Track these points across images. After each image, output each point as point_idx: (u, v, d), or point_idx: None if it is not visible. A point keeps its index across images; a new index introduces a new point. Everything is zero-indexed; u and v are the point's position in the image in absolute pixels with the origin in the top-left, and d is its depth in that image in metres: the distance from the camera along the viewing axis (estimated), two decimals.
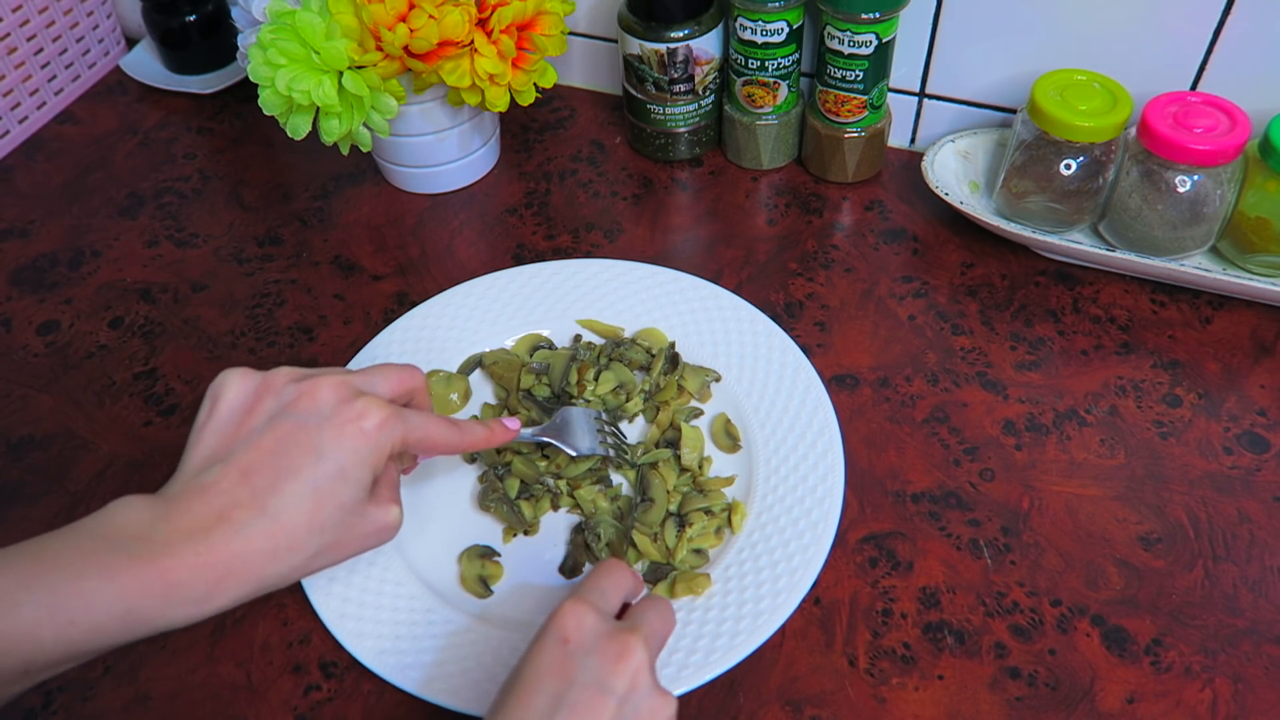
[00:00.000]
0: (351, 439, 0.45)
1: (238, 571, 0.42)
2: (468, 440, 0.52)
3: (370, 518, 0.46)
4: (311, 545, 0.44)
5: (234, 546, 0.42)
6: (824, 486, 0.57)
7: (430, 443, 0.49)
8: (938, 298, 0.69)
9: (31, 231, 0.78)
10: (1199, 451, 0.60)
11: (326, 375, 0.47)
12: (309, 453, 0.44)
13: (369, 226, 0.77)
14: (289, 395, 0.46)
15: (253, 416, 0.45)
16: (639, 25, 0.73)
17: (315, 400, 0.45)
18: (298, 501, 0.43)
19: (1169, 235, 0.66)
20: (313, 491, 0.44)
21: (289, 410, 0.45)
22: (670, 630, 0.47)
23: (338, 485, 0.44)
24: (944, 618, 0.54)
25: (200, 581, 0.41)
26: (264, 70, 0.65)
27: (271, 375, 0.47)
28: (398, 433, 0.46)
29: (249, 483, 0.43)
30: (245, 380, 0.47)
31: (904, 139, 0.81)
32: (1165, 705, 0.50)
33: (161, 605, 0.41)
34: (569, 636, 0.42)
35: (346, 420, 0.45)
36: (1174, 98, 0.64)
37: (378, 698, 0.52)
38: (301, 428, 0.45)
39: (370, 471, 0.46)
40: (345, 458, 0.45)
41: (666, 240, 0.75)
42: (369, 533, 0.46)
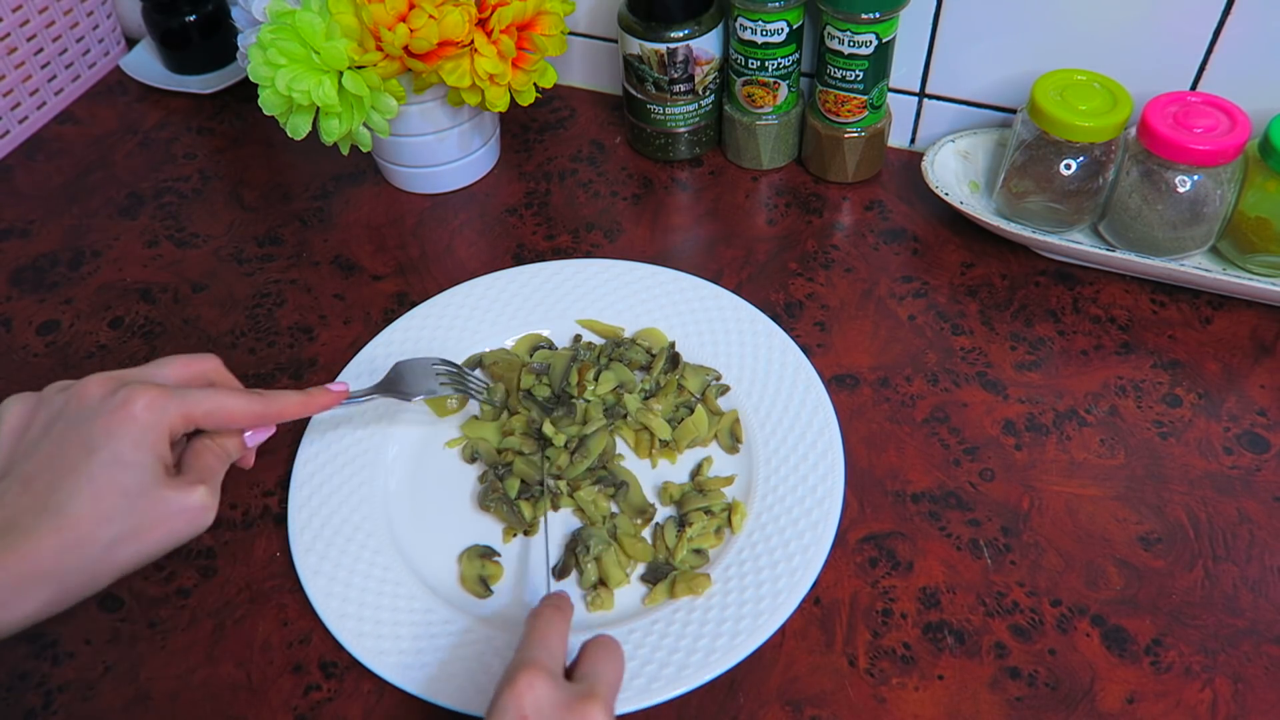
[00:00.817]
0: (119, 424, 0.44)
1: (30, 573, 0.42)
2: (275, 408, 0.51)
3: (168, 501, 0.45)
4: (104, 535, 0.43)
5: (21, 549, 0.42)
6: (824, 486, 0.57)
7: (227, 415, 0.48)
8: (938, 298, 0.69)
9: (31, 231, 0.78)
10: (1199, 451, 0.60)
11: (94, 376, 0.47)
12: (80, 448, 0.44)
13: (369, 226, 0.77)
14: (58, 403, 0.46)
15: (30, 431, 0.46)
16: (639, 25, 0.73)
17: (83, 399, 0.46)
18: (77, 495, 0.43)
19: (1169, 235, 0.66)
20: (89, 482, 0.43)
21: (61, 415, 0.45)
22: (622, 672, 0.47)
23: (114, 471, 0.44)
24: (944, 618, 0.54)
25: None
26: (264, 70, 0.65)
27: (45, 391, 0.48)
28: (172, 409, 0.46)
29: (30, 490, 0.43)
30: (22, 403, 0.47)
31: (904, 139, 0.81)
32: (1165, 705, 0.50)
33: None
34: (527, 714, 0.42)
35: (113, 408, 0.45)
36: (1174, 98, 0.64)
37: (378, 698, 0.52)
38: (72, 427, 0.45)
39: (149, 453, 0.45)
40: (116, 444, 0.44)
41: (666, 240, 0.75)
42: (171, 516, 0.45)
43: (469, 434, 0.62)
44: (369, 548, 0.57)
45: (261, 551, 0.58)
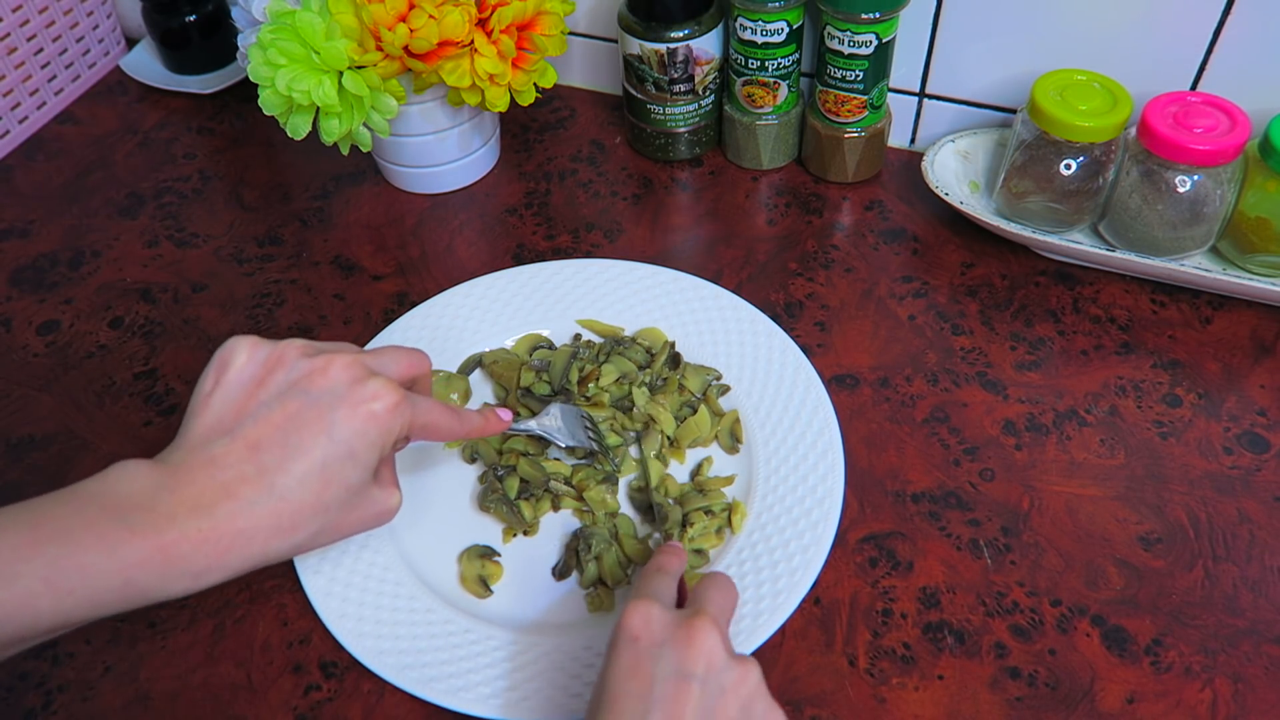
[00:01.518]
0: (363, 421, 0.44)
1: (239, 548, 0.42)
2: (466, 427, 0.52)
3: (373, 499, 0.46)
4: (314, 525, 0.44)
5: (238, 523, 0.42)
6: (824, 486, 0.57)
7: (434, 428, 0.49)
8: (938, 298, 0.69)
9: (31, 231, 0.78)
10: (1199, 451, 0.60)
11: (339, 353, 0.46)
12: (320, 433, 0.44)
13: (369, 226, 0.77)
14: (300, 370, 0.45)
15: (263, 389, 0.45)
16: (639, 25, 0.73)
17: (328, 378, 0.45)
18: (305, 481, 0.43)
19: (1169, 235, 0.66)
20: (321, 472, 0.43)
21: (300, 386, 0.45)
22: (734, 601, 0.47)
23: (346, 467, 0.44)
24: (944, 618, 0.54)
25: (200, 556, 0.41)
26: (264, 70, 0.65)
27: (283, 347, 0.46)
28: (406, 417, 0.46)
29: (256, 458, 0.43)
30: (255, 350, 0.46)
31: (904, 139, 0.81)
32: (1165, 705, 0.50)
33: (160, 578, 0.41)
34: (639, 635, 0.42)
35: (359, 401, 0.45)
36: (1174, 98, 0.64)
37: (378, 698, 0.52)
38: (313, 406, 0.44)
39: (378, 455, 0.46)
40: (356, 440, 0.44)
41: (666, 240, 0.75)
42: (369, 515, 0.47)
43: None
44: (369, 547, 0.57)
45: None
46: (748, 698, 0.42)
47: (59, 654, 0.54)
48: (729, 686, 0.41)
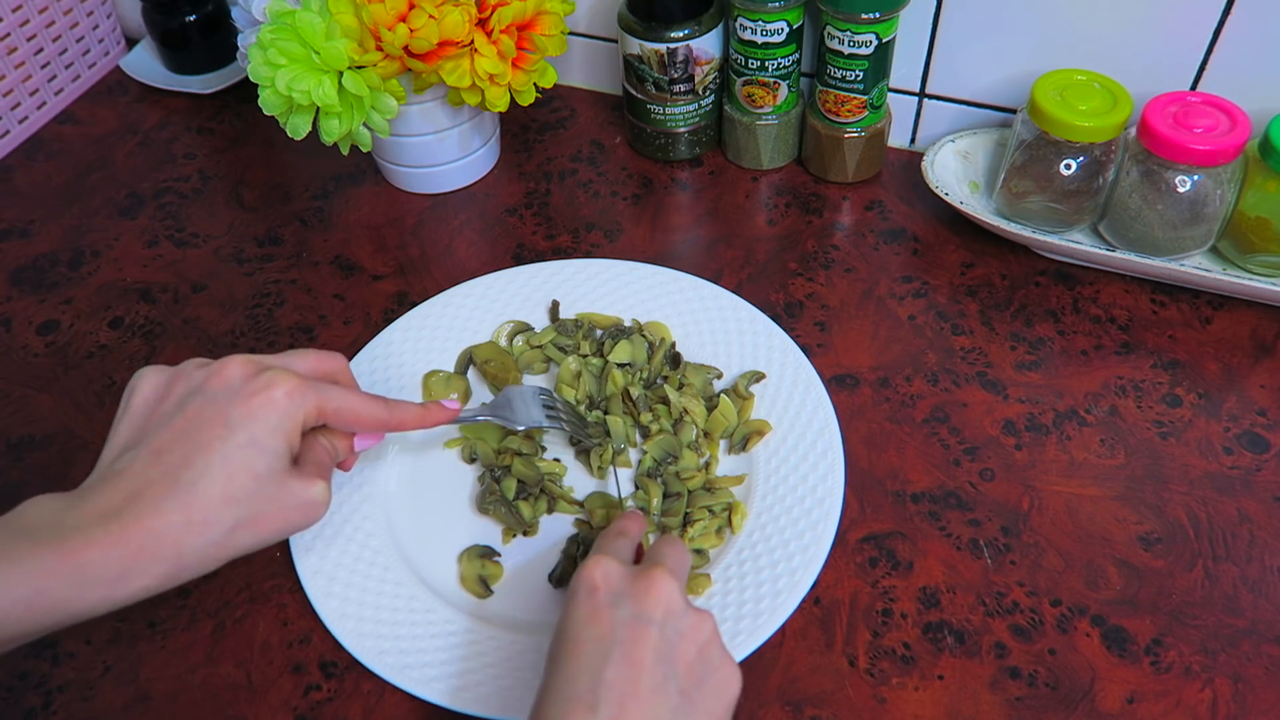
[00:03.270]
0: (260, 408, 0.45)
1: (152, 548, 0.42)
2: (398, 418, 0.51)
3: (291, 491, 0.46)
4: (228, 518, 0.44)
5: (146, 523, 0.42)
6: (824, 486, 0.57)
7: (353, 415, 0.49)
8: (938, 298, 0.69)
9: (31, 231, 0.78)
10: (1199, 451, 0.60)
11: (235, 357, 0.47)
12: (219, 426, 0.44)
13: (369, 226, 0.77)
14: (198, 379, 0.47)
15: (164, 403, 0.46)
16: (639, 25, 0.73)
17: (224, 378, 0.46)
18: (209, 473, 0.43)
19: (1169, 235, 0.66)
20: (223, 462, 0.44)
21: (199, 390, 0.46)
22: (688, 561, 0.49)
23: (250, 454, 0.44)
24: (944, 618, 0.54)
25: (112, 560, 0.41)
26: (264, 70, 0.65)
27: (182, 365, 0.48)
28: (310, 401, 0.47)
29: (161, 462, 0.44)
30: (158, 375, 0.48)
31: (904, 139, 0.81)
32: (1165, 705, 0.50)
33: (71, 587, 0.41)
34: (598, 585, 0.44)
35: (254, 391, 0.45)
36: (1174, 98, 0.64)
37: (378, 698, 0.52)
38: (211, 404, 0.45)
39: (284, 441, 0.46)
40: (255, 427, 0.45)
41: (666, 240, 0.75)
42: (291, 507, 0.46)
43: (468, 435, 0.62)
44: (369, 548, 0.57)
45: (261, 552, 0.58)
46: (704, 643, 0.43)
47: (59, 654, 0.54)
48: (686, 631, 0.43)
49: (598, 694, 0.40)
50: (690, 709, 0.42)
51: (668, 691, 0.41)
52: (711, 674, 0.43)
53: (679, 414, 0.61)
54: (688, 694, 0.42)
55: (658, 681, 0.41)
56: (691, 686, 0.42)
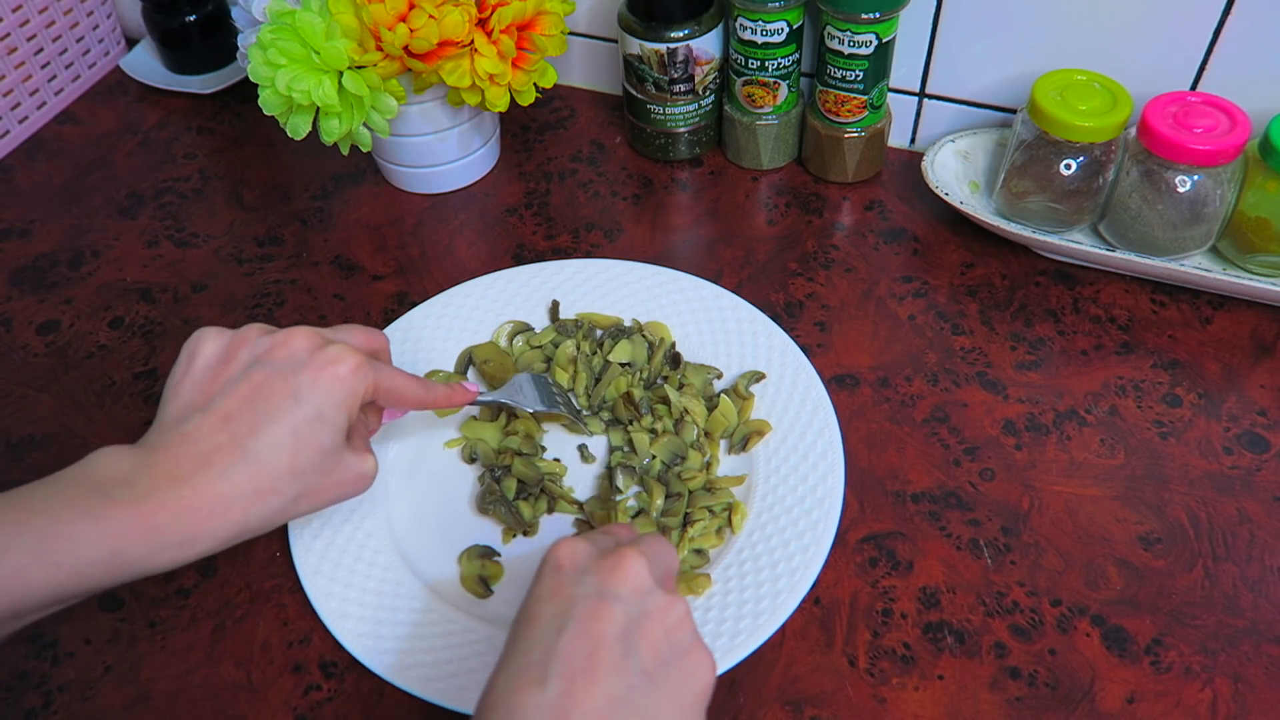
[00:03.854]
0: (327, 383, 0.46)
1: (220, 514, 0.43)
2: (433, 396, 0.53)
3: (347, 464, 0.47)
4: (292, 489, 0.45)
5: (216, 489, 0.43)
6: (824, 486, 0.57)
7: (400, 393, 0.51)
8: (938, 298, 0.69)
9: (31, 231, 0.78)
10: (1199, 451, 0.60)
11: (297, 328, 0.49)
12: (287, 397, 0.45)
13: (369, 226, 0.77)
14: (263, 346, 0.47)
15: (228, 368, 0.47)
16: (639, 25, 0.73)
17: (289, 349, 0.47)
18: (278, 444, 0.44)
19: (1169, 235, 0.66)
20: (292, 434, 0.45)
21: (264, 359, 0.47)
22: (671, 560, 0.46)
23: (316, 428, 0.45)
24: (944, 618, 0.54)
25: (183, 524, 0.42)
26: (264, 70, 0.65)
27: (244, 330, 0.49)
28: (370, 378, 0.48)
29: (229, 428, 0.44)
30: (219, 337, 0.48)
31: (904, 139, 0.81)
32: (1165, 705, 0.50)
33: (146, 548, 0.42)
34: (563, 563, 0.43)
35: (322, 365, 0.46)
36: (1174, 98, 0.64)
37: (378, 698, 0.52)
38: (278, 374, 0.46)
39: (346, 415, 0.47)
40: (322, 401, 0.46)
41: (666, 240, 0.75)
42: (346, 479, 0.48)
43: (468, 435, 0.62)
44: (369, 548, 0.57)
45: (261, 551, 0.58)
46: (672, 626, 0.41)
47: (59, 654, 0.54)
48: (653, 611, 0.41)
49: (549, 667, 0.38)
50: (651, 689, 0.39)
51: (627, 670, 0.38)
52: (680, 658, 0.40)
53: (679, 414, 0.61)
54: (650, 675, 0.39)
55: (616, 658, 0.38)
56: (655, 668, 0.39)
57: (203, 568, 0.57)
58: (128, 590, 0.56)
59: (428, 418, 0.63)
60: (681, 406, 0.61)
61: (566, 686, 0.37)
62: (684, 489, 0.58)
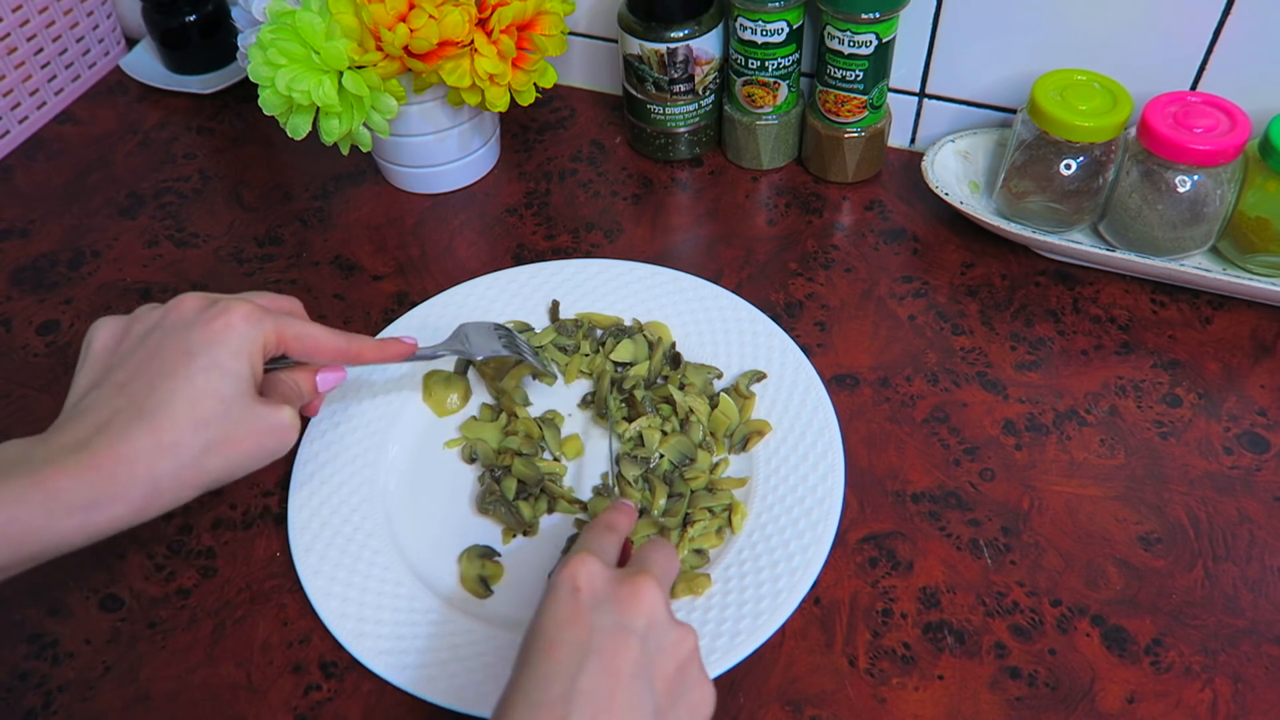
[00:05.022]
0: (219, 332, 0.46)
1: (124, 474, 0.43)
2: (355, 347, 0.53)
3: (259, 414, 0.47)
4: (198, 440, 0.44)
5: (116, 449, 0.43)
6: (824, 486, 0.57)
7: (313, 343, 0.50)
8: (938, 298, 0.69)
9: (31, 231, 0.78)
10: (1199, 451, 0.60)
11: (188, 294, 0.49)
12: (179, 353, 0.46)
13: (369, 226, 0.77)
14: (155, 317, 0.48)
15: (123, 344, 0.47)
16: (639, 25, 0.73)
17: (180, 312, 0.48)
18: (174, 397, 0.44)
19: (1169, 235, 0.66)
20: (188, 385, 0.45)
21: (157, 326, 0.47)
22: (676, 567, 0.48)
23: (212, 377, 0.45)
24: (944, 618, 0.54)
25: (83, 487, 0.42)
26: (264, 70, 0.65)
27: (138, 310, 0.49)
28: (267, 325, 0.48)
29: (125, 392, 0.45)
30: (115, 321, 0.49)
31: (904, 139, 0.81)
32: (1165, 705, 0.50)
33: (44, 515, 0.41)
34: (580, 586, 0.43)
35: (212, 318, 0.47)
36: (1174, 98, 0.64)
37: (378, 698, 0.52)
38: (169, 335, 0.46)
39: (246, 363, 0.46)
40: (216, 350, 0.46)
41: (666, 240, 0.75)
42: (260, 430, 0.47)
43: (468, 434, 0.62)
44: (369, 548, 0.57)
45: (261, 551, 0.58)
46: (684, 660, 0.42)
47: (59, 654, 0.54)
48: (667, 646, 0.42)
49: (571, 703, 0.39)
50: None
51: (643, 708, 0.40)
52: (688, 692, 0.42)
53: (685, 413, 0.61)
54: (663, 712, 0.41)
55: (634, 696, 0.40)
56: (667, 705, 0.41)
57: (203, 568, 0.57)
58: (128, 590, 0.57)
59: (427, 417, 0.63)
60: (687, 406, 0.61)
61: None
62: (686, 489, 0.58)
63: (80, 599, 0.56)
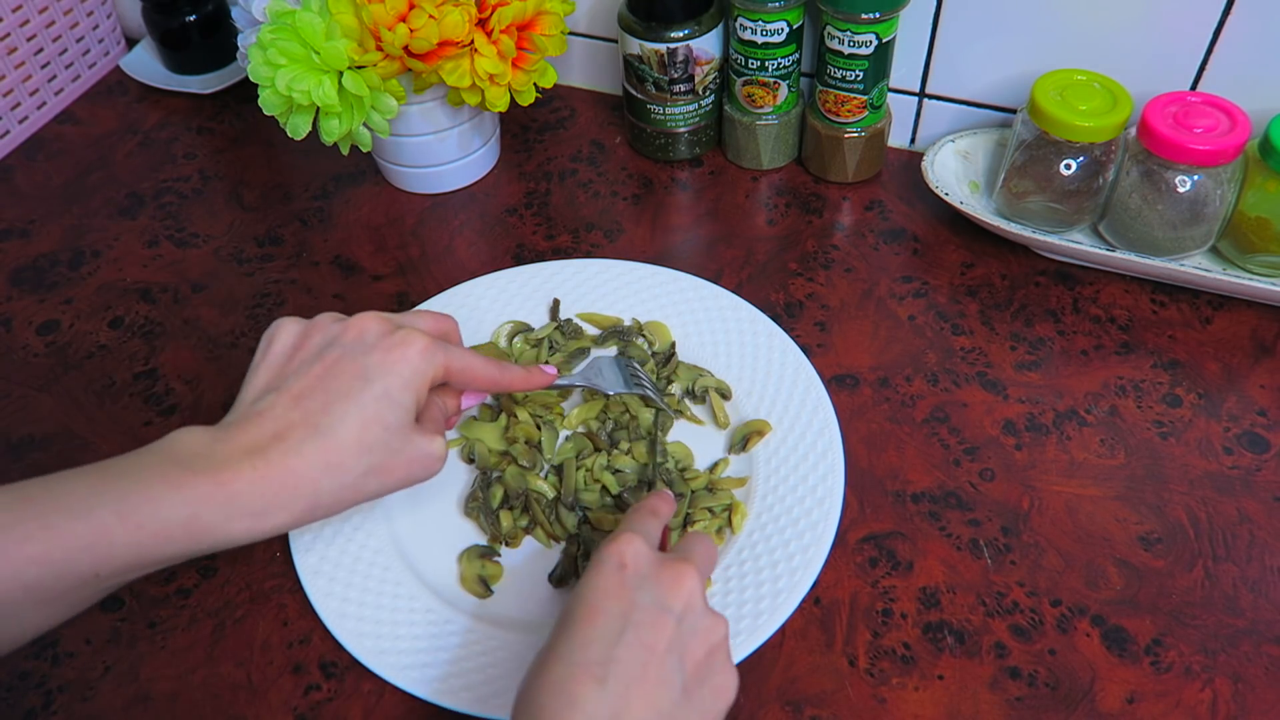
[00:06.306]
0: (395, 363, 0.48)
1: (292, 485, 0.45)
2: (508, 378, 0.54)
3: (415, 444, 0.48)
4: (360, 465, 0.47)
5: (288, 462, 0.45)
6: (824, 486, 0.57)
7: (472, 374, 0.52)
8: (938, 298, 0.69)
9: (31, 231, 0.78)
10: (1199, 451, 0.60)
11: (369, 313, 0.51)
12: (356, 377, 0.47)
13: (369, 226, 0.77)
14: (335, 331, 0.50)
15: (301, 351, 0.49)
16: (639, 25, 0.73)
17: (360, 332, 0.49)
18: (346, 420, 0.46)
19: (1169, 235, 0.66)
20: (359, 411, 0.47)
21: (336, 342, 0.49)
22: (714, 563, 0.50)
23: (383, 406, 0.47)
24: (944, 618, 0.54)
25: (258, 494, 0.44)
26: (264, 70, 0.65)
27: (318, 318, 0.51)
28: (439, 359, 0.49)
29: (301, 406, 0.46)
30: (295, 324, 0.51)
31: (904, 139, 0.81)
32: (1165, 705, 0.50)
33: (223, 515, 0.44)
34: (626, 563, 0.44)
35: (390, 347, 0.48)
36: (1174, 98, 0.64)
37: (378, 698, 0.52)
38: (348, 355, 0.48)
39: (413, 395, 0.48)
40: (390, 380, 0.48)
41: (666, 240, 0.75)
42: (414, 459, 0.49)
43: (467, 434, 0.62)
44: (369, 548, 0.57)
45: (261, 551, 0.58)
46: (715, 646, 0.44)
47: (59, 654, 0.54)
48: (701, 630, 0.44)
49: (608, 668, 0.41)
50: (689, 706, 0.42)
51: (672, 684, 0.42)
52: (714, 676, 0.44)
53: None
54: (689, 691, 0.42)
55: (666, 672, 0.42)
56: (694, 684, 0.43)
57: (203, 568, 0.57)
58: (128, 590, 0.57)
59: None
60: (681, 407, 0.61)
61: (623, 690, 0.40)
62: (686, 490, 0.58)
63: None
